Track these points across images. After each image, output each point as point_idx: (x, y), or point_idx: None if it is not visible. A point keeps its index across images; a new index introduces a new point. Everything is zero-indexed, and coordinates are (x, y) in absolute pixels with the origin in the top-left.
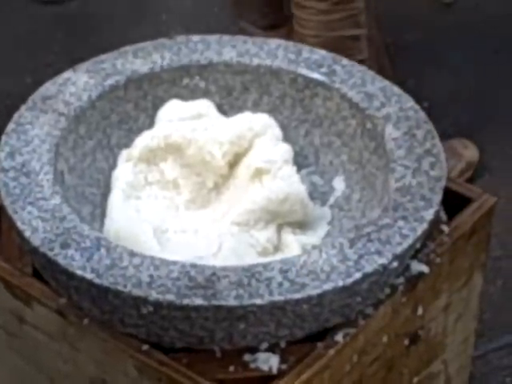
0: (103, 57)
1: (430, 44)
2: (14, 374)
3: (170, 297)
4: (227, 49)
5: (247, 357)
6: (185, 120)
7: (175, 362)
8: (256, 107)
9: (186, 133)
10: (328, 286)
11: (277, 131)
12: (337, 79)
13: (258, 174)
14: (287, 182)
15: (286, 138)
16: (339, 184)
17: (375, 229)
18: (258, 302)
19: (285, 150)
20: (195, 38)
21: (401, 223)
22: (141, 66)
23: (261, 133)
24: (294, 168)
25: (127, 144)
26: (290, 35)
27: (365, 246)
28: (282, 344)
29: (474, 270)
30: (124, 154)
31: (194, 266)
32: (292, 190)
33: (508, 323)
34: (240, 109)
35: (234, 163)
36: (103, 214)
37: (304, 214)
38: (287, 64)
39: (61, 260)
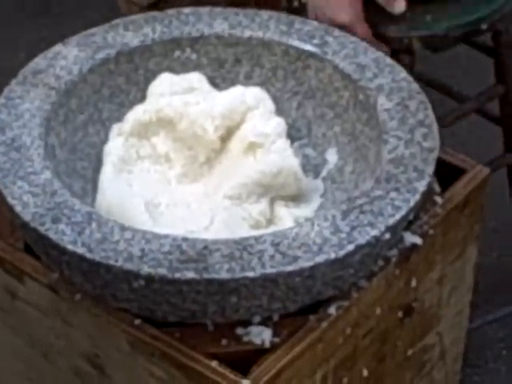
0: (93, 30)
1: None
2: (7, 349)
3: (162, 271)
4: (219, 21)
5: (240, 330)
6: (176, 94)
7: (168, 337)
8: (248, 79)
9: (178, 107)
10: (320, 259)
11: (269, 104)
12: (329, 50)
13: (251, 147)
14: (281, 156)
15: (279, 110)
16: (332, 156)
17: (368, 200)
18: (250, 274)
19: (278, 124)
20: (186, 10)
21: (393, 195)
22: (132, 38)
23: (253, 106)
24: (288, 141)
25: (119, 118)
26: None
27: (357, 218)
28: (275, 317)
29: (468, 241)
30: (115, 128)
31: (185, 239)
32: (285, 164)
33: (503, 295)
34: (232, 81)
35: (226, 137)
36: (95, 189)
37: (297, 188)
38: (279, 36)
39: (52, 235)
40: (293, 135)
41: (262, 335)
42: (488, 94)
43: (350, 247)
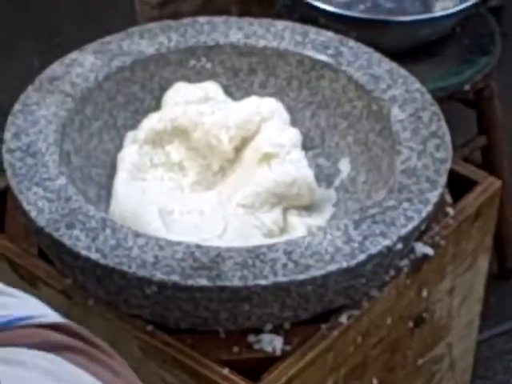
0: (110, 38)
1: None
2: None
3: (175, 277)
4: (234, 30)
5: (251, 338)
6: (191, 103)
7: (179, 343)
8: (262, 89)
9: (193, 116)
10: (332, 267)
11: (284, 115)
12: (343, 61)
13: (266, 158)
14: (295, 166)
15: (292, 119)
16: (345, 166)
17: (380, 210)
18: (263, 282)
19: (293, 135)
20: (202, 19)
21: (406, 205)
22: (147, 47)
23: (268, 117)
24: (303, 153)
25: (133, 125)
26: None
27: (369, 228)
28: (286, 325)
29: (479, 253)
30: (130, 135)
31: (198, 246)
32: (300, 175)
33: None
34: (246, 90)
35: (240, 147)
36: (109, 195)
37: (311, 199)
38: (294, 46)
39: (66, 240)
40: (306, 145)
41: (273, 343)
42: (471, 144)
43: (362, 257)
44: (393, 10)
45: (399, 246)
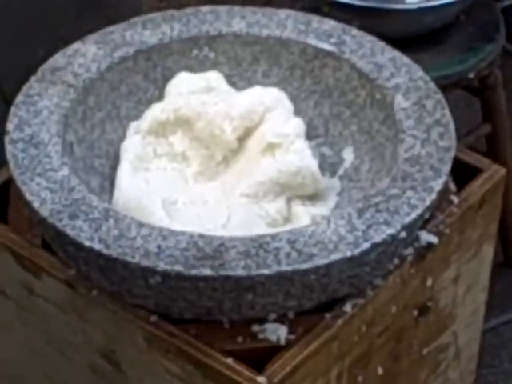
0: (112, 28)
1: None
2: (24, 345)
3: (178, 267)
4: (236, 20)
5: (255, 327)
6: (194, 93)
7: (184, 333)
8: (265, 78)
9: (196, 106)
10: (336, 257)
11: (288, 105)
12: (346, 50)
13: (270, 148)
14: (299, 156)
15: (296, 108)
16: (348, 155)
17: (384, 199)
18: (266, 272)
19: (297, 124)
20: (204, 8)
21: (409, 193)
22: (150, 37)
23: (272, 107)
24: (307, 142)
25: (136, 115)
26: None
27: (373, 217)
28: (291, 315)
29: (484, 241)
30: (133, 126)
31: (202, 236)
32: (304, 164)
33: None
34: (249, 80)
35: (243, 137)
36: (112, 186)
37: (314, 189)
38: (297, 35)
39: (69, 231)
40: (310, 134)
41: (277, 332)
42: (475, 132)
43: (366, 245)
44: None
45: (403, 234)
